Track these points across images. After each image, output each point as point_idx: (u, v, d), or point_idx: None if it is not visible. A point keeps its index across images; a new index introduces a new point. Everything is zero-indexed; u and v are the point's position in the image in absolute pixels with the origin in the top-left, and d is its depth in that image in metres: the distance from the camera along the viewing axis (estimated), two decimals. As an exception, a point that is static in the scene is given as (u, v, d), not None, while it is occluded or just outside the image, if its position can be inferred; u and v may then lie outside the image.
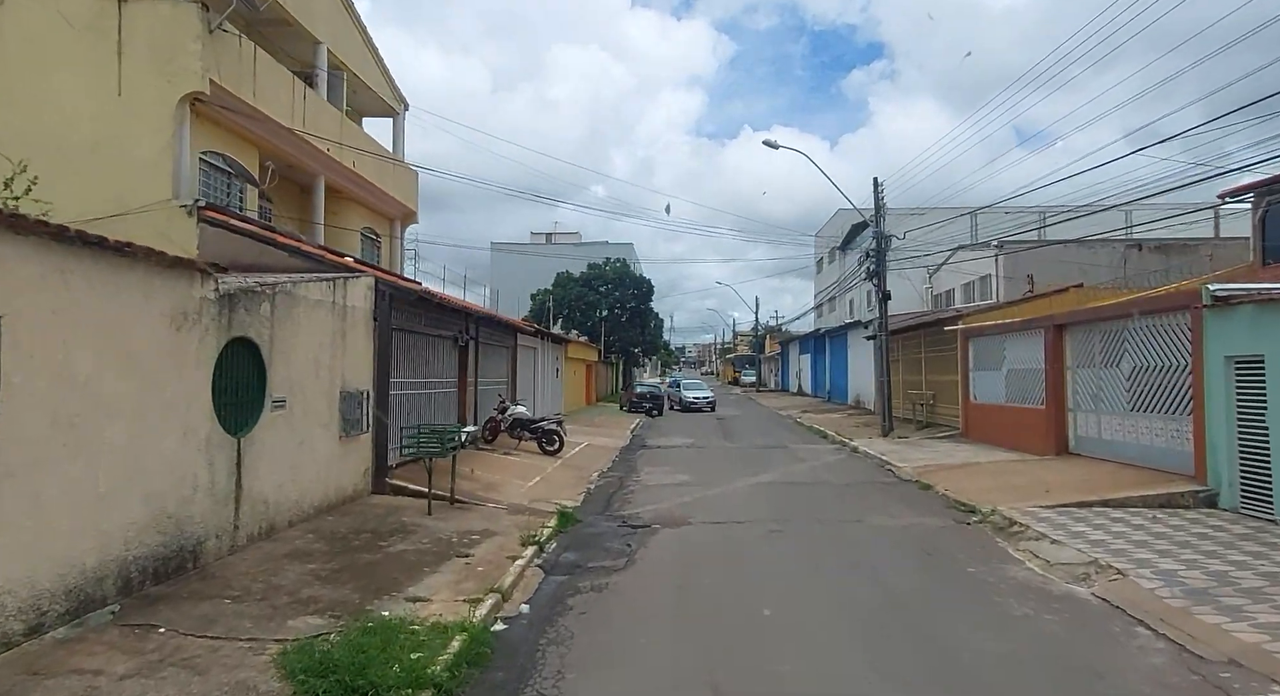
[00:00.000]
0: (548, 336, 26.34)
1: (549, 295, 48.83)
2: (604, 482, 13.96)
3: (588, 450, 18.19)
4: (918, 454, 16.39)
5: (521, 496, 11.67)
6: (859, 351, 32.22)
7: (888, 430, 20.11)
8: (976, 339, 18.49)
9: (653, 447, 19.98)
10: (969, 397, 18.86)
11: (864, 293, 42.85)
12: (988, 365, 17.87)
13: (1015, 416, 16.11)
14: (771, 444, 20.47)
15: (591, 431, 22.82)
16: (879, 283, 20.20)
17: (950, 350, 20.55)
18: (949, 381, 20.79)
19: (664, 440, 21.87)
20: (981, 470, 13.65)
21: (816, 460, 16.90)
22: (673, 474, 14.94)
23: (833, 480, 13.95)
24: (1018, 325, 16.13)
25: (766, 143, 20.45)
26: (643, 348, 52.55)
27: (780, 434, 23.60)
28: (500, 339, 18.70)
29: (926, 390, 22.24)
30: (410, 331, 12.55)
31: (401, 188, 18.99)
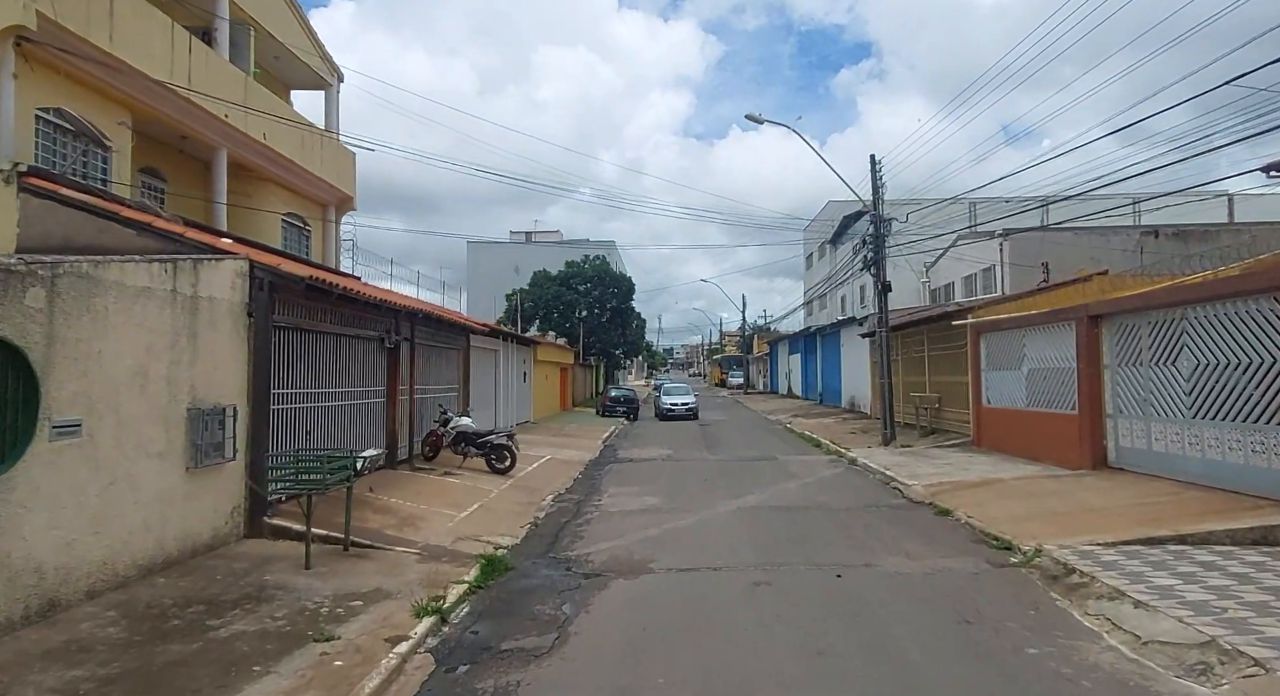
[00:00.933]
0: (512, 338, 24.01)
1: (525, 295, 46.46)
2: (557, 509, 11.66)
3: (548, 466, 15.87)
4: (927, 467, 14.18)
5: (446, 534, 9.35)
6: (853, 350, 30.06)
7: (889, 438, 17.91)
8: (990, 334, 16.32)
9: (624, 461, 17.68)
10: (981, 401, 16.68)
11: (856, 288, 40.76)
12: (1004, 364, 15.69)
13: (1039, 423, 13.93)
14: (758, 455, 18.22)
15: (559, 442, 20.50)
16: (878, 272, 18.01)
17: (958, 347, 18.38)
18: (957, 383, 18.61)
19: (639, 451, 19.58)
20: (1007, 489, 11.43)
21: (810, 476, 14.65)
22: (641, 496, 12.66)
23: (831, 503, 11.70)
24: (1041, 318, 13.96)
25: (749, 116, 18.23)
26: (624, 349, 50.24)
27: (769, 443, 21.35)
28: (448, 340, 16.36)
29: (931, 392, 20.06)
30: (313, 331, 10.21)
31: (334, 169, 16.62)
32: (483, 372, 20.52)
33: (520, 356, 25.29)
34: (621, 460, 17.85)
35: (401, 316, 12.85)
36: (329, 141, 16.55)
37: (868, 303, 37.06)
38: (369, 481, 11.15)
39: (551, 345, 32.07)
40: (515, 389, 24.28)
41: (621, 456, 18.57)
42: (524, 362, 25.84)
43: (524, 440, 19.93)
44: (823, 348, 37.16)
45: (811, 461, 16.88)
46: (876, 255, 17.95)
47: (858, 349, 28.86)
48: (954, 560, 8.18)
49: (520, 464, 15.28)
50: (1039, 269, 22.90)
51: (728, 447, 20.17)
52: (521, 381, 25.53)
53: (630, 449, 20.31)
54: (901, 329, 21.04)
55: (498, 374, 22.06)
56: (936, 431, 19.33)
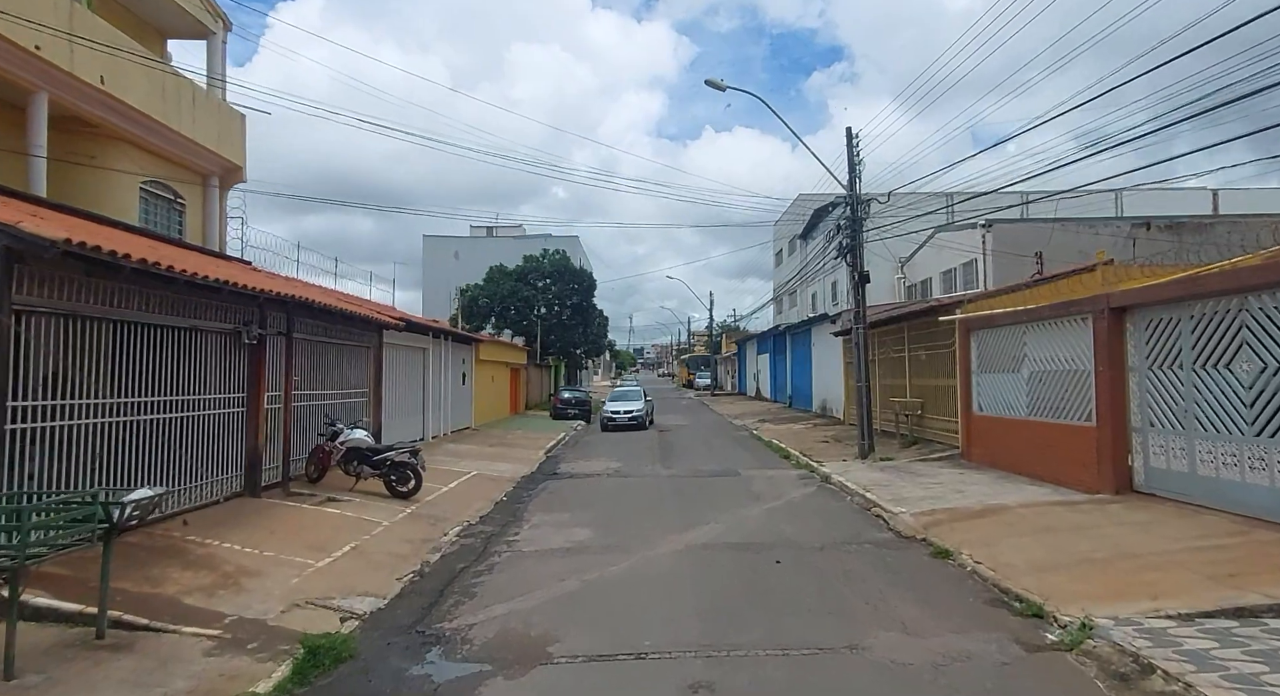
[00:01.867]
0: (446, 334, 21.41)
1: (479, 291, 43.75)
2: (459, 548, 9.20)
3: (470, 485, 13.39)
4: (913, 488, 11.98)
5: (281, 597, 6.84)
6: (824, 350, 27.96)
7: (867, 450, 15.72)
8: (983, 332, 14.20)
9: (564, 476, 15.24)
10: (971, 408, 14.56)
11: (828, 284, 38.79)
12: (999, 365, 13.57)
13: (1044, 436, 11.80)
14: (719, 469, 15.91)
15: (494, 453, 17.99)
16: (854, 261, 15.81)
17: (944, 347, 16.27)
18: (942, 387, 16.51)
19: (584, 464, 17.15)
20: (1017, 521, 9.24)
21: (777, 498, 12.36)
22: (570, 527, 10.25)
23: (801, 538, 9.39)
24: (1048, 312, 11.84)
25: (709, 82, 15.90)
26: (585, 348, 47.75)
27: (732, 453, 19.06)
28: (351, 336, 13.77)
29: (912, 397, 17.94)
30: (106, 320, 7.61)
31: (214, 131, 13.94)
32: (406, 374, 17.94)
33: (458, 355, 22.71)
34: (561, 475, 15.40)
35: (269, 305, 10.27)
36: (207, 98, 13.85)
37: (840, 299, 35.07)
38: (199, 519, 8.60)
39: (499, 343, 29.47)
40: (451, 392, 21.70)
41: (563, 470, 16.12)
42: (463, 362, 23.26)
43: (453, 452, 17.42)
44: (793, 347, 35.08)
45: (779, 478, 14.61)
46: (853, 242, 15.75)
47: (830, 349, 26.78)
48: (970, 638, 5.90)
49: (436, 483, 12.81)
50: (1032, 260, 20.95)
51: (685, 459, 17.84)
52: (460, 383, 22.94)
53: (575, 461, 17.88)
54: (880, 326, 18.92)
55: (427, 376, 19.48)
56: (919, 442, 17.20)
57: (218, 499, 9.39)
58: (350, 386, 13.89)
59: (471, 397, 24.06)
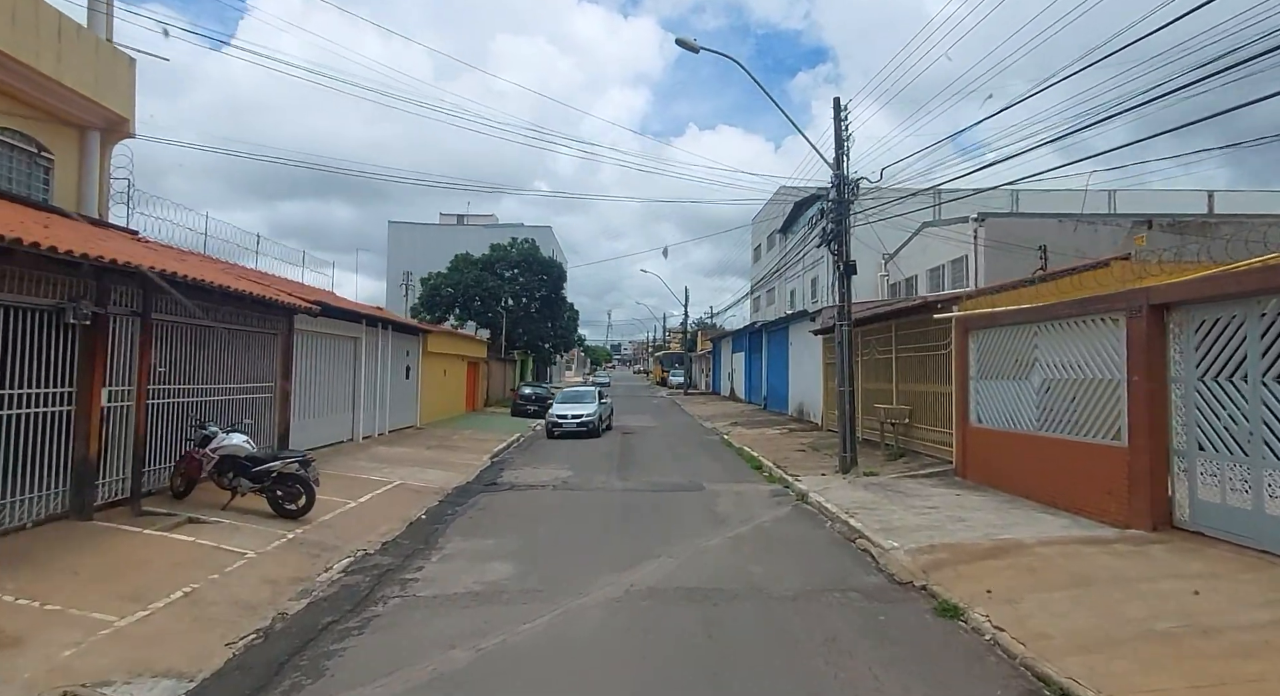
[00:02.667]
0: (387, 323, 19.25)
1: (442, 280, 41.47)
2: (335, 592, 7.19)
3: (385, 499, 11.35)
4: (905, 513, 10.15)
5: (31, 682, 4.80)
6: (803, 349, 26.18)
7: (849, 463, 13.88)
8: (984, 332, 12.43)
9: (503, 488, 13.23)
10: (968, 418, 12.79)
11: (807, 281, 37.08)
12: (1003, 371, 11.80)
13: (1058, 455, 10.03)
14: (682, 483, 14.00)
15: (430, 458, 15.93)
16: (839, 249, 13.96)
17: (937, 349, 14.50)
18: (934, 393, 14.74)
19: (530, 472, 15.15)
20: (1041, 565, 7.42)
21: (746, 522, 10.47)
22: (488, 560, 8.28)
23: (771, 584, 7.50)
24: (1067, 309, 10.07)
25: (680, 42, 13.94)
26: (553, 342, 45.65)
27: (698, 463, 17.16)
28: (248, 320, 11.64)
29: (899, 404, 16.15)
30: None
31: (91, 75, 11.72)
32: (330, 367, 15.81)
33: (400, 347, 20.57)
34: (500, 487, 13.39)
35: (114, 278, 8.15)
36: (80, 35, 11.62)
37: (821, 296, 33.36)
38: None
39: (453, 334, 27.30)
40: (390, 387, 19.58)
41: (504, 480, 14.11)
42: (407, 355, 21.13)
43: (381, 456, 15.34)
44: (769, 346, 33.31)
45: (749, 494, 12.73)
46: (838, 227, 13.89)
47: (808, 348, 25.00)
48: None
49: (343, 497, 10.78)
50: (1027, 256, 19.30)
51: (646, 468, 15.91)
52: (403, 378, 20.81)
53: (522, 468, 15.86)
54: (865, 324, 17.11)
55: (359, 368, 17.35)
56: (906, 454, 15.42)
57: (22, 523, 7.28)
58: (247, 379, 11.76)
59: (417, 393, 21.93)
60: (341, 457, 14.78)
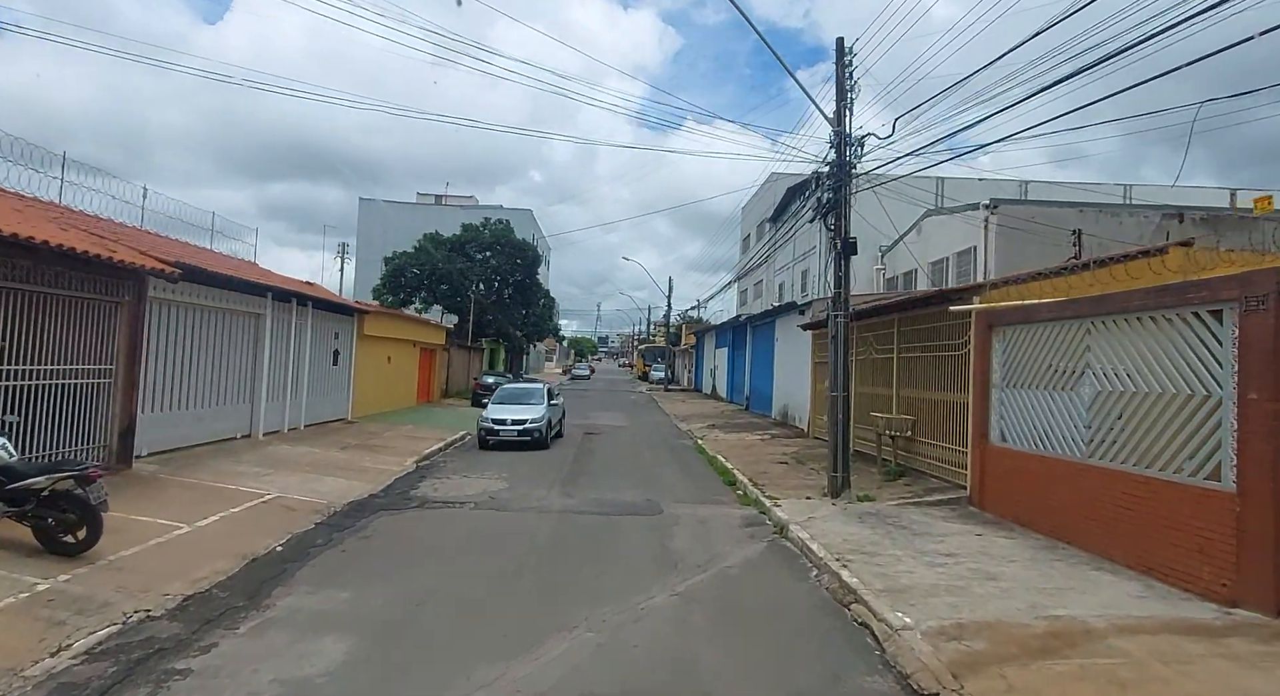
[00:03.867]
0: (305, 299, 16.55)
1: (407, 260, 38.70)
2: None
3: (238, 520, 8.75)
4: (914, 562, 7.68)
5: None
6: (790, 346, 23.70)
7: (840, 485, 11.38)
8: (1013, 330, 9.98)
9: (412, 506, 10.64)
10: (989, 435, 10.35)
11: (797, 273, 34.64)
12: (1038, 378, 9.36)
13: (1118, 493, 7.60)
14: (637, 503, 11.49)
15: (337, 461, 13.33)
16: (838, 222, 11.44)
17: (949, 349, 12.04)
18: (944, 402, 12.28)
19: (458, 482, 12.58)
20: (1134, 675, 4.94)
21: (705, 568, 7.94)
22: (324, 633, 5.72)
23: (730, 688, 4.99)
24: (1139, 299, 7.63)
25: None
26: (526, 330, 42.98)
27: (663, 475, 14.65)
28: (69, 282, 8.97)
29: (901, 413, 13.68)
30: None
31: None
32: (217, 347, 13.19)
33: (327, 327, 17.93)
34: (409, 503, 10.81)
35: None
36: None
37: (811, 289, 30.91)
38: None
39: (401, 317, 24.57)
40: (311, 374, 16.94)
41: (418, 494, 11.52)
42: (335, 337, 18.47)
43: (272, 458, 12.72)
44: (753, 342, 30.83)
45: (715, 523, 10.22)
46: (837, 196, 11.37)
47: (796, 345, 22.52)
48: None
49: (187, 515, 8.26)
50: (1053, 246, 16.87)
51: (600, 480, 13.39)
52: (329, 364, 18.16)
53: (449, 475, 13.29)
54: (865, 319, 14.62)
55: (262, 351, 14.69)
56: (908, 473, 12.96)
57: None
58: (69, 360, 9.10)
59: (349, 382, 19.30)
60: (220, 460, 12.14)
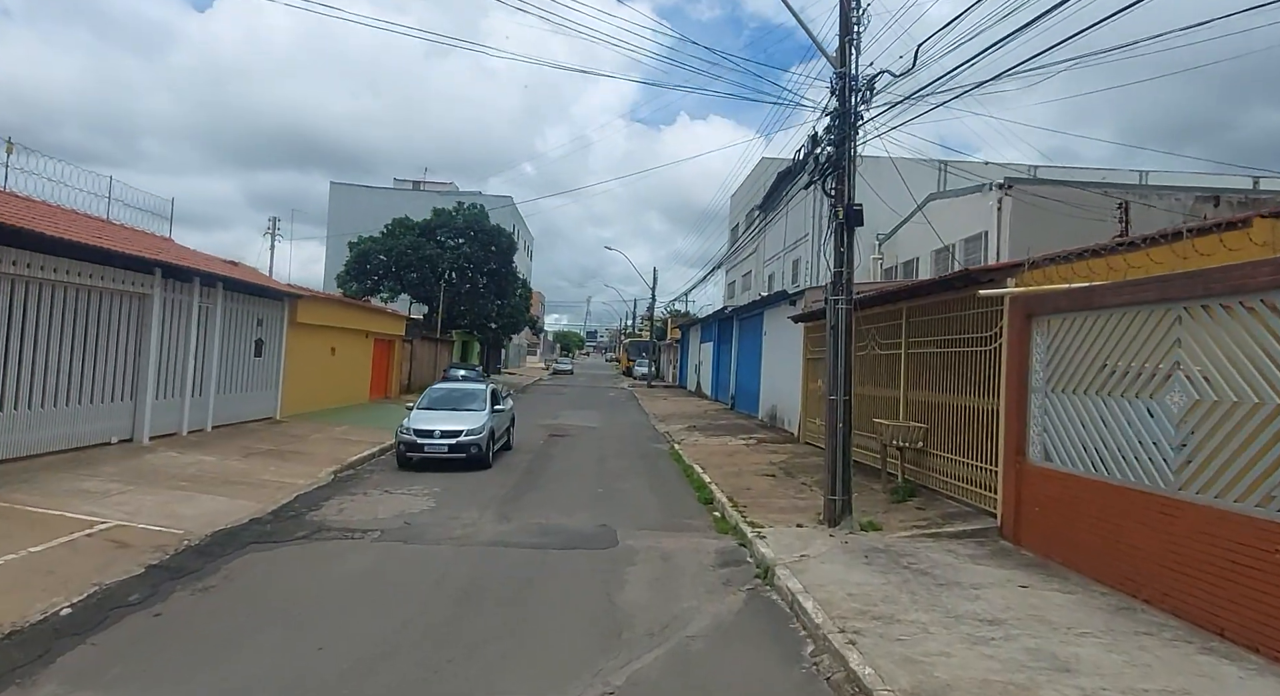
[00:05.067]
0: (213, 279, 14.16)
1: (374, 246, 36.26)
2: None
3: (25, 565, 6.49)
4: (949, 636, 5.53)
5: None
6: (780, 340, 21.55)
7: (839, 510, 9.19)
8: (1062, 319, 7.88)
9: (293, 537, 8.37)
10: (1026, 452, 8.24)
11: (788, 263, 32.50)
12: (1098, 381, 7.28)
13: (1236, 543, 5.47)
14: (587, 530, 9.30)
15: (229, 473, 11.04)
16: (839, 186, 9.25)
17: (972, 343, 9.90)
18: (963, 407, 10.15)
19: (370, 502, 10.32)
20: None
21: (660, 638, 5.75)
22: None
23: None
24: (1252, 275, 5.48)
25: None
26: (501, 322, 40.65)
27: (628, 490, 12.47)
28: None
29: (911, 420, 11.53)
30: None
31: None
32: (81, 332, 10.84)
33: (247, 313, 15.61)
34: (293, 533, 8.55)
35: None
36: None
37: (803, 280, 28.78)
38: None
39: (348, 304, 22.19)
40: (227, 368, 14.64)
41: (314, 518, 9.26)
42: (258, 324, 16.13)
43: (152, 470, 10.41)
44: (740, 336, 28.68)
45: (682, 560, 8.04)
46: (839, 153, 9.17)
47: (786, 339, 20.37)
48: None
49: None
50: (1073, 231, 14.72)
51: (550, 497, 11.19)
52: (251, 355, 15.83)
53: (368, 491, 11.05)
54: (867, 308, 12.41)
55: (154, 339, 12.38)
56: (919, 493, 10.82)
57: None
58: None
59: (279, 376, 16.98)
60: (66, 473, 9.85)
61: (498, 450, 14.45)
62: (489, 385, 14.34)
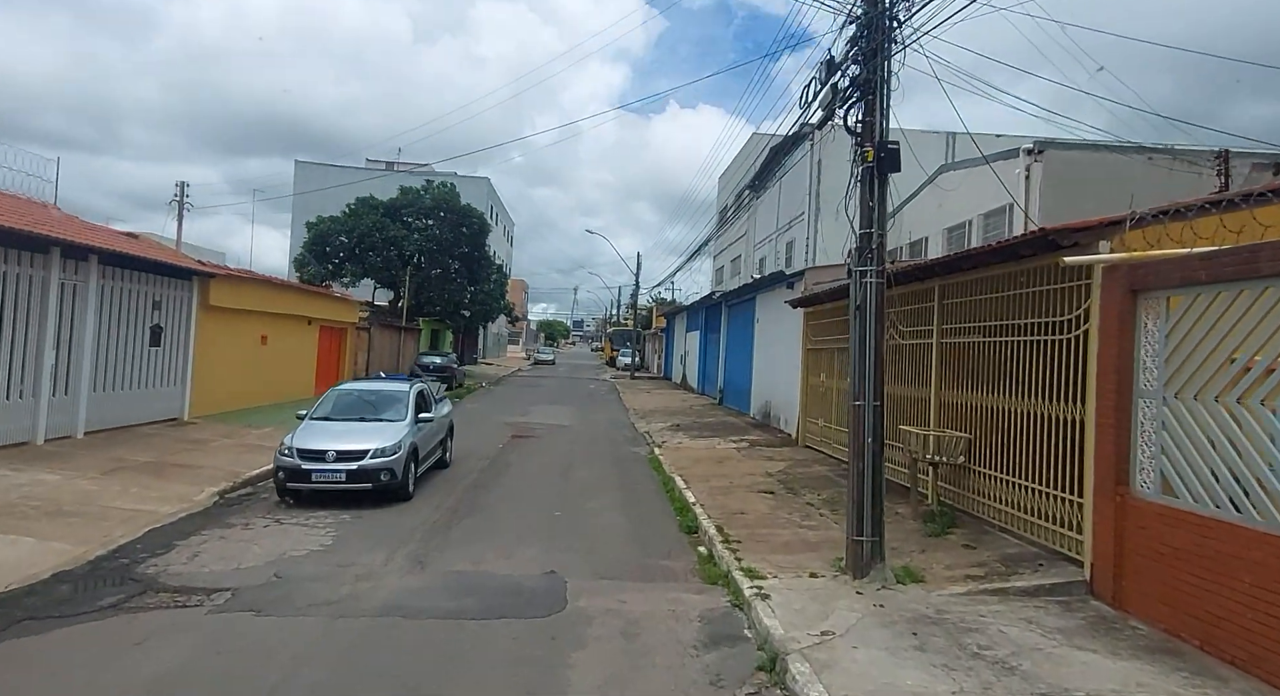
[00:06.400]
0: (86, 252, 11.53)
1: (334, 226, 33.51)
2: None
3: None
4: None
5: None
6: (775, 329, 19.16)
7: (869, 555, 6.78)
8: (1186, 295, 5.52)
9: (104, 602, 5.89)
10: (1127, 482, 5.90)
11: (781, 245, 30.07)
12: (1251, 386, 4.82)
13: None
14: (530, 580, 6.90)
15: (66, 495, 8.55)
16: (872, 116, 6.82)
17: (1034, 330, 7.51)
18: (1021, 413, 7.79)
19: (243, 541, 7.82)
20: None
21: None
22: None
23: None
24: None
25: None
26: (474, 310, 38.02)
27: (591, 515, 10.08)
28: None
29: (947, 428, 9.15)
30: None
31: None
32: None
33: (140, 294, 13.03)
34: (100, 599, 6.08)
35: None
36: None
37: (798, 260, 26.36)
38: None
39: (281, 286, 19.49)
40: (108, 359, 12.10)
41: (147, 570, 6.78)
42: (155, 308, 13.55)
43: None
44: (729, 324, 26.28)
45: (652, 635, 5.65)
46: (868, 69, 6.73)
47: (782, 327, 17.99)
48: None
49: None
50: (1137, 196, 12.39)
51: (495, 522, 8.77)
52: (149, 344, 13.27)
53: (251, 521, 8.57)
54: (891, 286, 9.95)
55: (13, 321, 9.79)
56: (960, 523, 8.45)
57: None
58: None
59: (185, 369, 14.42)
60: None
61: (427, 471, 11.20)
62: (416, 385, 11.16)
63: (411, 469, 9.86)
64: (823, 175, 26.12)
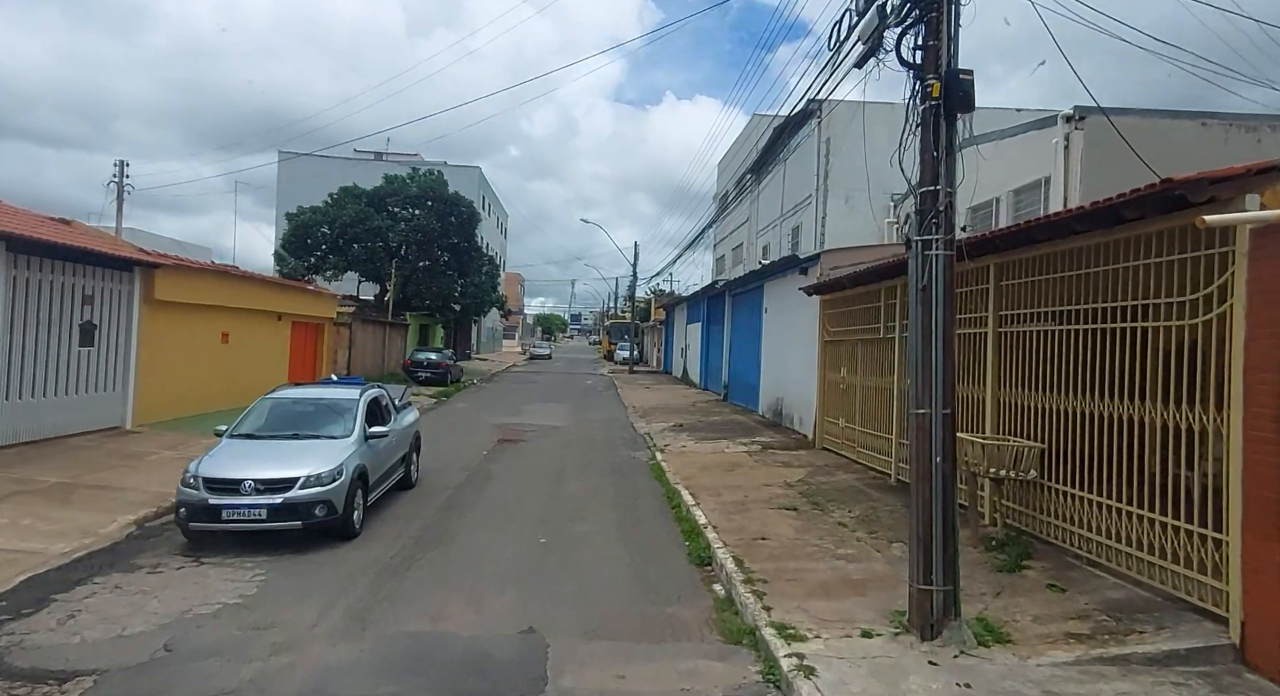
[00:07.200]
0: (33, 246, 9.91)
1: (315, 216, 31.84)
2: None
3: None
4: None
5: None
6: (786, 319, 17.57)
7: (939, 609, 5.21)
8: None
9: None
10: (1316, 518, 4.25)
11: (786, 230, 28.39)
12: None
13: None
14: (499, 645, 5.34)
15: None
16: (932, 43, 5.22)
17: (1135, 316, 5.91)
18: (1119, 420, 6.19)
19: (145, 589, 6.23)
20: None
21: None
22: None
23: None
24: None
25: None
26: (464, 303, 36.37)
27: (582, 543, 8.56)
28: None
29: (1003, 434, 7.57)
30: None
31: None
32: None
33: (69, 287, 11.42)
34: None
35: None
36: None
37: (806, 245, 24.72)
38: None
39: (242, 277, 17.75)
40: (24, 361, 10.49)
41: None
42: (87, 303, 11.94)
43: None
44: (734, 315, 24.69)
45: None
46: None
47: (795, 317, 16.41)
48: None
49: None
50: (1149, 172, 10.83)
51: (465, 556, 7.23)
52: (79, 344, 11.67)
53: (164, 560, 6.98)
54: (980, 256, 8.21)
55: None
56: (1036, 552, 6.88)
57: None
58: None
59: (128, 371, 12.82)
60: None
61: (384, 494, 9.20)
62: (369, 392, 9.16)
63: (358, 498, 7.93)
64: (831, 155, 24.48)
